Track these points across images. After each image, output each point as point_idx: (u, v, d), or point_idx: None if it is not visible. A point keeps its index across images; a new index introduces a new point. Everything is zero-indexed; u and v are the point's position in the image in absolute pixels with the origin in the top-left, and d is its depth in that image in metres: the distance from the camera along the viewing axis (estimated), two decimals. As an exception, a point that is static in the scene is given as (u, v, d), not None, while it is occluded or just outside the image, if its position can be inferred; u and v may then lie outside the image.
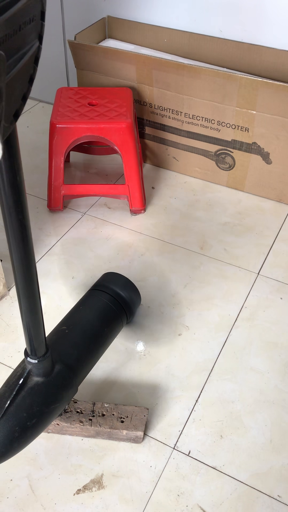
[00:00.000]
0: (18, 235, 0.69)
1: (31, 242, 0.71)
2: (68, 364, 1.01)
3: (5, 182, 0.61)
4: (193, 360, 1.29)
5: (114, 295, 1.22)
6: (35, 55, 0.56)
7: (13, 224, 0.67)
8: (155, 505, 1.04)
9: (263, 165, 1.69)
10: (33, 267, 0.74)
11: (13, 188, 0.62)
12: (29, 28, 0.53)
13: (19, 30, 0.50)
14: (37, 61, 0.57)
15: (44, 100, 2.26)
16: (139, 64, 1.68)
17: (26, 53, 0.53)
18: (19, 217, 0.66)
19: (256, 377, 1.25)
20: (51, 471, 1.09)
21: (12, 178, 0.61)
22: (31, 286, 0.77)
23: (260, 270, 1.52)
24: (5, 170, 0.60)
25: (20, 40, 0.51)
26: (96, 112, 1.60)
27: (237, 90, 1.57)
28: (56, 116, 1.58)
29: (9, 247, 0.71)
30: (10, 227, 0.68)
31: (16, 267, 0.73)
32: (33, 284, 0.76)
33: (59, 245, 1.61)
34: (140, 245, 1.61)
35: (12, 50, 0.50)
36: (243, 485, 1.07)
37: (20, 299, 0.79)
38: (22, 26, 0.51)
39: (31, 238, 0.71)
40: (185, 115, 1.71)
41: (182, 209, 1.74)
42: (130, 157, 1.59)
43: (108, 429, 1.10)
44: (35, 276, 0.77)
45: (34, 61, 0.56)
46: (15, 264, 0.73)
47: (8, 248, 0.72)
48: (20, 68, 0.52)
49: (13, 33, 0.49)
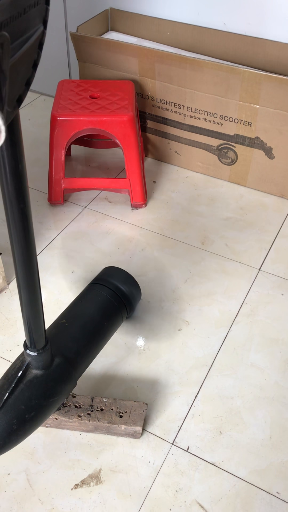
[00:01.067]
0: (19, 225, 0.67)
1: (32, 232, 0.70)
2: (68, 357, 1.00)
3: (7, 170, 0.60)
4: (193, 355, 1.28)
5: (115, 289, 1.21)
6: (39, 40, 0.54)
7: (14, 213, 0.65)
8: (153, 501, 1.03)
9: (265, 160, 1.68)
10: (34, 257, 0.73)
11: (15, 176, 0.61)
12: (33, 11, 0.51)
13: (23, 13, 0.49)
14: (41, 47, 0.56)
15: (46, 93, 2.25)
16: (142, 57, 1.66)
17: (31, 37, 0.52)
18: (21, 206, 0.65)
19: (256, 373, 1.25)
20: (49, 465, 1.08)
21: (14, 166, 0.59)
22: (31, 277, 0.76)
23: (261, 266, 1.51)
24: (7, 158, 0.59)
25: (24, 24, 0.50)
26: (98, 105, 1.58)
27: (240, 83, 1.56)
28: (57, 109, 1.56)
29: (10, 237, 0.70)
30: (11, 216, 0.66)
31: (17, 257, 0.72)
32: (33, 275, 0.75)
33: (59, 239, 1.59)
34: (141, 240, 1.60)
35: (16, 33, 0.49)
36: (242, 481, 1.07)
37: (21, 291, 0.78)
38: (27, 9, 0.50)
39: (32, 228, 0.70)
40: (188, 108, 1.70)
41: (184, 204, 1.72)
42: (131, 151, 1.58)
43: (106, 424, 1.10)
44: (36, 267, 0.75)
45: (38, 46, 0.55)
46: (15, 254, 0.72)
47: (9, 238, 0.71)
48: (24, 52, 0.50)
49: (18, 15, 0.48)
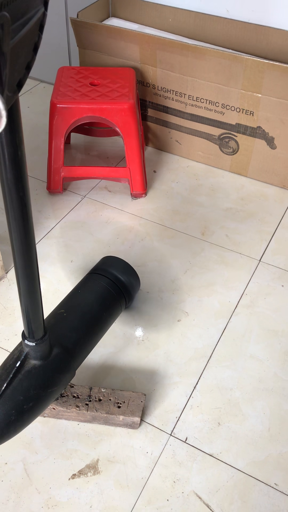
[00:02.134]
0: (18, 213, 0.66)
1: (31, 220, 0.69)
2: (66, 347, 0.99)
3: (5, 157, 0.58)
4: (192, 346, 1.28)
5: (113, 279, 1.20)
6: (40, 21, 0.53)
7: (13, 201, 0.64)
8: (151, 491, 1.03)
9: (267, 150, 1.66)
10: (33, 247, 0.72)
11: (14, 163, 0.59)
12: (34, -9, 0.50)
13: (23, -7, 0.47)
14: (42, 29, 0.54)
15: (45, 80, 2.22)
16: (143, 44, 1.64)
17: (31, 18, 0.50)
18: (20, 194, 0.63)
19: (256, 365, 1.24)
20: (46, 455, 1.08)
21: (13, 153, 0.58)
22: (30, 267, 0.74)
23: (261, 257, 1.50)
24: (6, 144, 0.57)
25: (25, 4, 0.48)
26: (98, 92, 1.56)
27: (243, 72, 1.54)
28: (57, 96, 1.54)
29: (8, 226, 0.69)
30: (10, 204, 0.65)
31: (15, 246, 0.71)
32: (32, 264, 0.74)
33: (58, 228, 1.58)
34: (141, 230, 1.58)
35: (17, 14, 0.47)
36: (240, 472, 1.07)
37: (19, 280, 0.77)
38: (27, -11, 0.48)
39: (31, 216, 0.68)
40: (189, 97, 1.67)
41: (184, 194, 1.71)
42: (131, 140, 1.56)
43: (104, 414, 1.09)
44: (35, 256, 0.74)
45: (39, 28, 0.53)
46: (14, 243, 0.71)
47: (8, 226, 0.69)
48: (25, 34, 0.49)
49: (18, -5, 0.46)
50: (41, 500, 1.02)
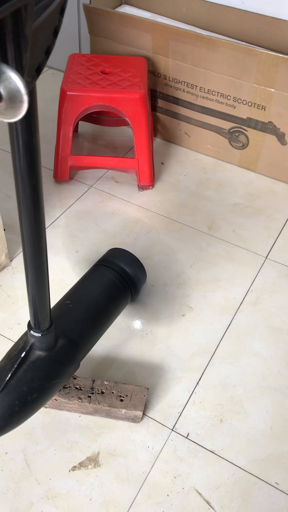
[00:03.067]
0: (30, 202, 0.64)
1: (42, 209, 0.67)
2: (72, 339, 0.98)
3: (20, 144, 0.57)
4: (195, 341, 1.27)
5: (120, 271, 1.19)
6: (61, 4, 0.51)
7: (25, 189, 0.63)
8: (151, 486, 1.03)
9: (277, 146, 1.64)
10: (43, 236, 0.71)
11: (29, 150, 0.58)
12: (56, -27, 0.48)
13: (46, -27, 0.45)
14: (63, 12, 0.52)
15: (54, 66, 2.19)
16: (156, 33, 1.61)
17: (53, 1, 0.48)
18: (32, 182, 0.62)
19: (259, 362, 1.23)
20: (47, 446, 1.07)
21: (28, 140, 0.56)
22: (39, 257, 0.73)
23: (268, 254, 1.49)
24: (21, 131, 0.56)
25: (47, -14, 0.46)
26: (109, 81, 1.54)
27: (256, 65, 1.51)
28: (67, 83, 1.52)
29: (19, 215, 0.67)
30: (22, 193, 0.63)
31: (25, 235, 0.69)
32: (42, 254, 0.73)
33: (63, 218, 1.56)
34: (147, 222, 1.57)
35: (39, -5, 0.45)
36: (241, 470, 1.06)
37: (27, 270, 0.76)
38: None
39: (43, 206, 0.67)
40: (200, 89, 1.65)
41: (192, 187, 1.69)
42: (141, 130, 1.54)
43: (107, 407, 1.08)
44: (45, 246, 0.73)
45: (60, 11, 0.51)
46: (24, 232, 0.69)
47: (18, 215, 0.68)
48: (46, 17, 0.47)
49: (41, -24, 0.44)
50: (41, 491, 1.01)
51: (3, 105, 0.40)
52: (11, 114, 0.40)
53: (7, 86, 0.38)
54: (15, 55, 0.43)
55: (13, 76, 0.39)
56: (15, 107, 0.39)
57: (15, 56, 0.43)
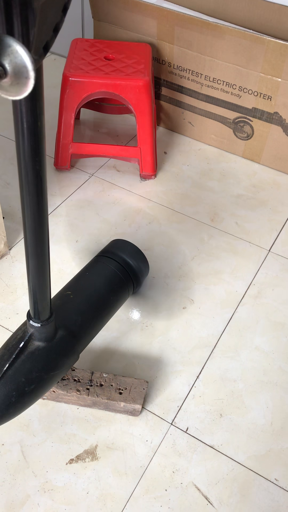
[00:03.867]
0: (33, 187, 0.62)
1: (46, 196, 0.64)
2: (71, 330, 0.96)
3: (24, 127, 0.54)
4: (196, 335, 1.25)
5: (123, 263, 1.16)
6: (71, -21, 0.48)
7: (29, 174, 0.60)
8: (149, 480, 1.01)
9: (283, 137, 1.61)
10: (45, 224, 0.68)
11: (33, 134, 0.55)
12: None
13: None
14: (72, -13, 0.49)
15: (56, 52, 2.15)
16: (161, 19, 1.57)
17: (63, -26, 0.45)
18: (36, 167, 0.59)
19: (260, 357, 1.22)
20: (44, 438, 1.05)
21: (32, 123, 0.54)
22: (41, 245, 0.70)
23: (271, 247, 1.47)
24: (25, 113, 0.53)
25: None
26: (112, 67, 1.50)
27: (264, 54, 1.48)
28: (70, 69, 1.48)
29: (21, 200, 0.65)
30: (25, 178, 0.61)
31: (28, 223, 0.67)
32: (43, 242, 0.70)
33: (64, 206, 1.54)
34: (149, 212, 1.54)
35: None
36: (240, 466, 1.05)
37: (29, 259, 0.73)
38: None
39: (46, 192, 0.64)
40: (206, 77, 1.62)
41: (195, 178, 1.66)
42: (144, 118, 1.51)
43: (105, 400, 1.07)
44: (47, 234, 0.70)
45: (70, -14, 0.48)
46: (26, 220, 0.67)
47: (21, 202, 0.65)
48: (55, -9, 0.44)
49: None
50: (37, 484, 0.99)
51: (8, 81, 0.37)
52: (16, 91, 0.38)
53: (13, 61, 0.36)
54: (22, 30, 0.41)
55: (20, 50, 0.36)
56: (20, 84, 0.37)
57: (22, 31, 0.41)
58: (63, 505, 0.97)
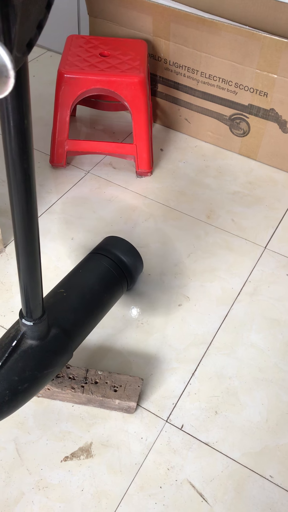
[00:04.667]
0: (21, 186, 0.62)
1: (34, 194, 0.64)
2: (65, 328, 0.96)
3: (11, 125, 0.54)
4: (192, 332, 1.25)
5: (116, 260, 1.16)
6: (54, -25, 0.47)
7: (17, 173, 0.60)
8: (144, 478, 1.01)
9: (279, 133, 1.61)
10: (35, 222, 0.68)
11: (20, 132, 0.55)
12: None
13: None
14: (56, -16, 0.49)
15: (53, 49, 2.14)
16: (157, 15, 1.57)
17: None
18: (24, 166, 0.59)
19: (256, 354, 1.21)
20: (39, 436, 1.05)
21: (19, 121, 0.53)
22: (31, 243, 0.70)
23: (267, 244, 1.47)
24: (11, 111, 0.53)
25: None
26: (108, 63, 1.50)
27: (259, 50, 1.47)
28: (65, 65, 1.48)
29: (10, 199, 0.65)
30: (13, 176, 0.61)
31: (17, 221, 0.67)
32: (33, 240, 0.70)
33: (59, 204, 1.53)
34: (145, 210, 1.54)
35: None
36: (235, 463, 1.05)
37: (19, 257, 0.73)
38: None
39: (35, 190, 0.64)
40: (202, 74, 1.61)
41: (191, 175, 1.66)
42: (140, 115, 1.50)
43: (100, 397, 1.07)
44: (37, 232, 0.70)
45: (53, -18, 0.48)
46: (15, 218, 0.66)
47: (9, 200, 0.65)
48: (37, -13, 0.44)
49: None
50: (32, 481, 1.00)
51: (-12, 81, 0.37)
52: (-4, 90, 0.38)
53: (-7, 60, 0.35)
54: (3, 27, 0.40)
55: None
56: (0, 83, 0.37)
57: (3, 28, 0.40)
58: (57, 503, 0.97)
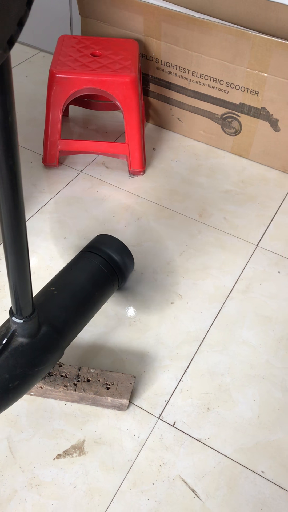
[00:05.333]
0: (7, 183, 0.62)
1: (21, 192, 0.65)
2: (55, 326, 0.96)
3: (-6, 122, 0.54)
4: (184, 329, 1.25)
5: (107, 258, 1.17)
6: (34, -28, 0.48)
7: (2, 171, 0.60)
8: (136, 474, 1.02)
9: (270, 132, 1.61)
10: (22, 219, 0.68)
11: (4, 129, 0.55)
12: None
13: None
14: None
15: (45, 49, 2.15)
16: (148, 15, 1.57)
17: None
18: (9, 163, 0.59)
19: (248, 351, 1.22)
20: (31, 434, 1.06)
21: (2, 118, 0.54)
22: (19, 241, 0.71)
23: (259, 242, 1.47)
24: (-5, 108, 0.53)
25: None
26: (99, 63, 1.50)
27: (250, 49, 1.48)
28: (56, 65, 1.48)
29: (-4, 197, 0.65)
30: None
31: (4, 219, 0.67)
32: (21, 238, 0.70)
33: (52, 203, 1.54)
34: (137, 209, 1.54)
35: None
36: (227, 459, 1.05)
37: (7, 255, 0.74)
38: None
39: (21, 188, 0.64)
40: (193, 73, 1.62)
41: (183, 174, 1.66)
42: (132, 114, 1.51)
43: (92, 395, 1.07)
44: (24, 229, 0.71)
45: (33, -20, 0.48)
46: (2, 216, 0.67)
47: (-4, 198, 0.66)
48: (16, -15, 0.44)
49: None
50: (25, 479, 1.00)
51: None
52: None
53: None
54: (-18, 24, 0.41)
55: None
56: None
57: (-17, 25, 0.41)
58: (50, 500, 0.98)
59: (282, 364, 1.20)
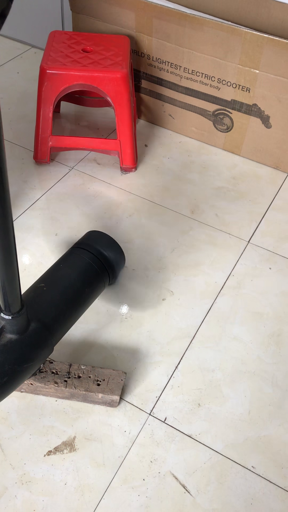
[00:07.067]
0: (-7, 178, 0.62)
1: (7, 187, 0.64)
2: (45, 322, 0.96)
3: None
4: (175, 326, 1.25)
5: (97, 254, 1.16)
6: None
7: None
8: (127, 470, 1.02)
9: (262, 129, 1.61)
10: (8, 215, 0.68)
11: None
12: None
13: None
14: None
15: (37, 45, 2.14)
16: (139, 11, 1.57)
17: None
18: (-6, 157, 0.59)
19: (239, 347, 1.22)
20: (22, 431, 1.05)
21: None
22: (6, 236, 0.70)
23: (250, 238, 1.47)
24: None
25: None
26: (90, 59, 1.50)
27: (241, 46, 1.48)
28: (47, 61, 1.47)
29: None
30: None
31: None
32: (8, 233, 0.70)
33: (43, 200, 1.53)
34: (129, 205, 1.54)
35: None
36: (217, 454, 1.05)
37: (-6, 251, 0.73)
38: None
39: (7, 183, 0.64)
40: (185, 69, 1.62)
41: (175, 170, 1.66)
42: (123, 111, 1.51)
43: (83, 391, 1.07)
44: (11, 224, 0.70)
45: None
46: (-12, 211, 0.67)
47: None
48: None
49: None
50: (15, 476, 1.00)
51: None
52: None
53: None
54: None
55: None
56: None
57: None
58: (40, 496, 0.98)
59: (273, 360, 1.20)
